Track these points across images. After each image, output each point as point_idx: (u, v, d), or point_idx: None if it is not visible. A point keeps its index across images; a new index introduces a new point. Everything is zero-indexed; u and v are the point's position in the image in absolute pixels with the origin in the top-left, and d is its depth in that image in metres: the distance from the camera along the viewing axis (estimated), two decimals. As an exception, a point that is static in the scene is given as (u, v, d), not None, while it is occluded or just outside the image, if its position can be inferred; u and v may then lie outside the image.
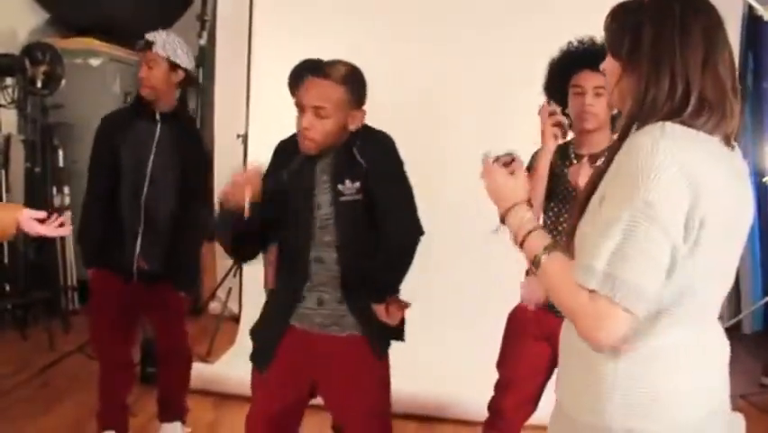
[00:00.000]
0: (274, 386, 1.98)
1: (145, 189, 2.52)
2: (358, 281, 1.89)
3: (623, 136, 1.15)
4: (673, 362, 1.15)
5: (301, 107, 1.84)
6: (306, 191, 1.90)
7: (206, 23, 4.44)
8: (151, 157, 2.52)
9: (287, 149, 1.98)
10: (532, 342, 2.08)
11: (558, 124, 2.03)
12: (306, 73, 1.88)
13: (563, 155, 2.13)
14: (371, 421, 1.99)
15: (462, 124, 3.70)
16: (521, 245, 1.22)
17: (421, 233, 1.96)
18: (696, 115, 1.12)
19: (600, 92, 1.97)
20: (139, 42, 2.53)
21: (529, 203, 1.26)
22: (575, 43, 2.07)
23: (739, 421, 2.93)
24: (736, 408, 2.92)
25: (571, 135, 2.13)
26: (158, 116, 2.54)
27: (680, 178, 1.06)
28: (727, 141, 1.17)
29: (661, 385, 1.14)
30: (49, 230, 1.96)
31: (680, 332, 1.14)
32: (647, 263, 1.06)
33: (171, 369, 2.76)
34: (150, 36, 2.51)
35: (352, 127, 1.88)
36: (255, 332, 2.05)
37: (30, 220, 1.92)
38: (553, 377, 1.63)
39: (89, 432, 2.76)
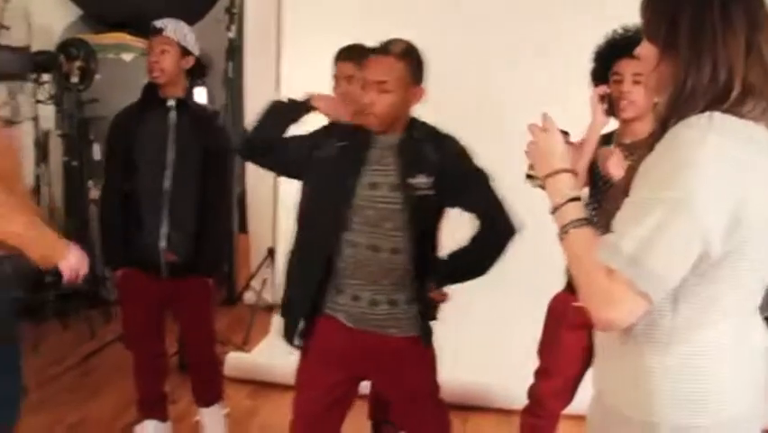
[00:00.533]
0: (322, 383, 1.98)
1: (167, 178, 2.48)
2: (433, 275, 1.92)
3: (664, 124, 1.12)
4: (721, 355, 1.13)
5: (365, 85, 1.90)
6: (354, 165, 1.91)
7: (235, 16, 4.46)
8: (170, 143, 2.49)
9: (344, 126, 2.01)
10: (571, 331, 2.08)
11: (604, 94, 2.03)
12: (368, 54, 1.96)
13: (607, 144, 2.12)
14: (431, 402, 2.04)
15: (509, 123, 3.63)
16: (555, 210, 1.19)
17: (515, 231, 1.94)
18: (740, 103, 1.08)
19: (639, 79, 1.95)
20: (150, 28, 2.52)
21: (574, 173, 1.23)
22: (619, 31, 2.06)
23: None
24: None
25: (616, 125, 2.12)
26: (170, 103, 2.52)
27: (727, 174, 1.04)
28: None
29: (709, 379, 1.13)
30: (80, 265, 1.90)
31: (726, 325, 1.13)
32: (675, 256, 1.04)
33: (202, 360, 2.73)
34: (158, 23, 2.52)
35: (414, 103, 1.93)
36: (284, 310, 2.09)
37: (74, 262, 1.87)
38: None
39: (131, 419, 2.82)
